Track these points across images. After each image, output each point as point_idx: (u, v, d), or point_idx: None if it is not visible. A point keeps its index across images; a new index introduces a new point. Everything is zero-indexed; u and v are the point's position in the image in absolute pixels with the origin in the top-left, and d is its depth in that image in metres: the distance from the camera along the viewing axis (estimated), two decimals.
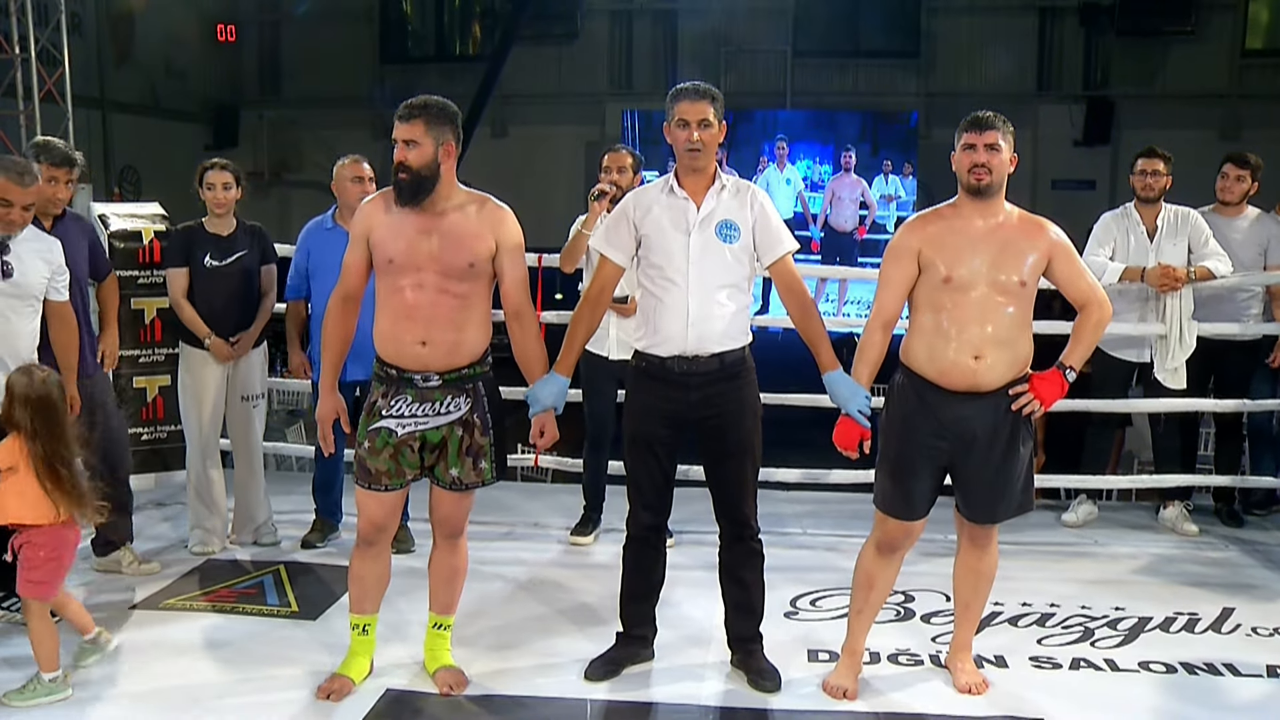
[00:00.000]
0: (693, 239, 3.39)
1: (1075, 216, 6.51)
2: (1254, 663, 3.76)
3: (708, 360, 3.40)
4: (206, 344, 4.62)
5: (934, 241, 3.29)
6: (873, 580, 3.51)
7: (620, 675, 3.59)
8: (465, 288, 3.29)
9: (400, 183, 3.25)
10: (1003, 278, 3.24)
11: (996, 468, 3.32)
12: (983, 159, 3.25)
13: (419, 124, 3.23)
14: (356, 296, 3.40)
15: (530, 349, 3.43)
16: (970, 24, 14.40)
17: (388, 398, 3.31)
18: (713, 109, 3.39)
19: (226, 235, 4.68)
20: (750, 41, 14.81)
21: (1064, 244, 3.34)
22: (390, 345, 3.30)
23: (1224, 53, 14.09)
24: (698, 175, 3.43)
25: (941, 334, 3.27)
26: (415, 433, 3.30)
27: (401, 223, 3.28)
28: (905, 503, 3.38)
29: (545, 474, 6.79)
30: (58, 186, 4.19)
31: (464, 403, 3.32)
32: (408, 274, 3.25)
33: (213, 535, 4.75)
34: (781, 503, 5.44)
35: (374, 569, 3.45)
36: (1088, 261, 5.12)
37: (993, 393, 3.27)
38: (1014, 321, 3.27)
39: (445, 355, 3.28)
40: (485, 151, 14.29)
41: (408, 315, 3.26)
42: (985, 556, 3.51)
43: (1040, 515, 5.56)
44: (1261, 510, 5.60)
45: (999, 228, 3.29)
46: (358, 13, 15.70)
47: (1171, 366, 5.09)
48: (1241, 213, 5.38)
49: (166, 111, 14.67)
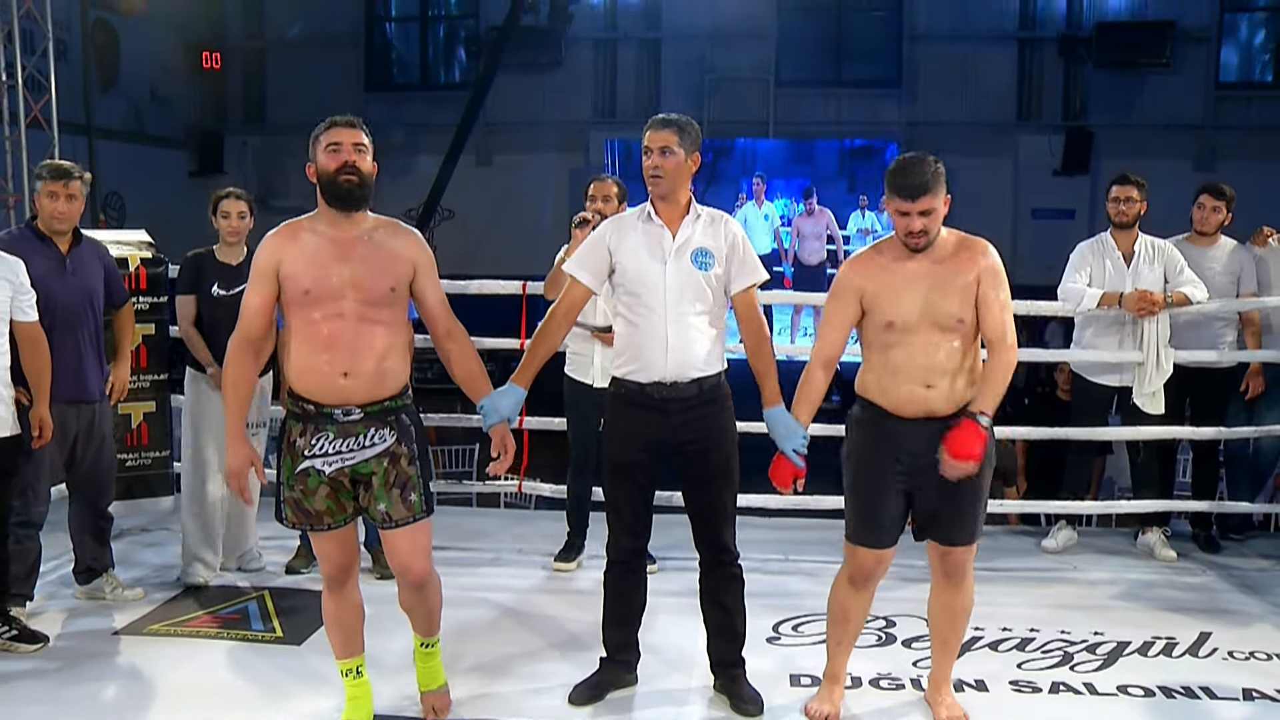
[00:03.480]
0: (669, 267, 3.44)
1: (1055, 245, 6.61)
2: (1231, 686, 3.80)
3: (686, 386, 3.44)
4: (209, 373, 4.58)
5: (875, 283, 3.31)
6: (848, 614, 3.53)
7: (604, 700, 3.61)
8: (387, 314, 3.19)
9: (348, 185, 3.14)
10: (941, 317, 3.25)
11: (955, 490, 3.30)
12: (918, 226, 3.22)
13: (363, 133, 3.22)
14: (259, 340, 3.26)
15: (471, 365, 3.35)
16: (952, 54, 14.55)
17: (306, 436, 3.17)
18: (677, 137, 3.43)
19: (235, 265, 4.64)
20: (733, 70, 14.93)
21: (993, 269, 3.29)
22: (307, 379, 3.15)
23: (1198, 85, 14.29)
24: (670, 204, 3.48)
25: (890, 369, 3.30)
26: (343, 469, 3.18)
27: (315, 251, 3.15)
28: (873, 531, 3.39)
29: (528, 500, 6.82)
30: (56, 201, 4.19)
31: (388, 434, 3.20)
32: (325, 304, 3.12)
33: (208, 568, 4.68)
34: (761, 529, 5.45)
35: (349, 609, 3.36)
36: (1065, 288, 5.25)
37: (948, 417, 3.28)
38: (961, 351, 3.29)
39: (369, 387, 3.16)
40: (469, 178, 14.34)
41: (327, 346, 3.12)
42: (960, 594, 3.49)
43: (1020, 541, 5.61)
44: (1238, 535, 5.65)
45: (935, 266, 3.28)
46: (343, 40, 15.76)
47: (1149, 391, 5.15)
48: (1216, 243, 5.46)
49: (151, 138, 14.69)
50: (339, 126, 3.21)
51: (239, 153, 15.62)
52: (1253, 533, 5.79)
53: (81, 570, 4.47)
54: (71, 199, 4.24)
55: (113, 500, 4.55)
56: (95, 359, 4.32)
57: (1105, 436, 5.55)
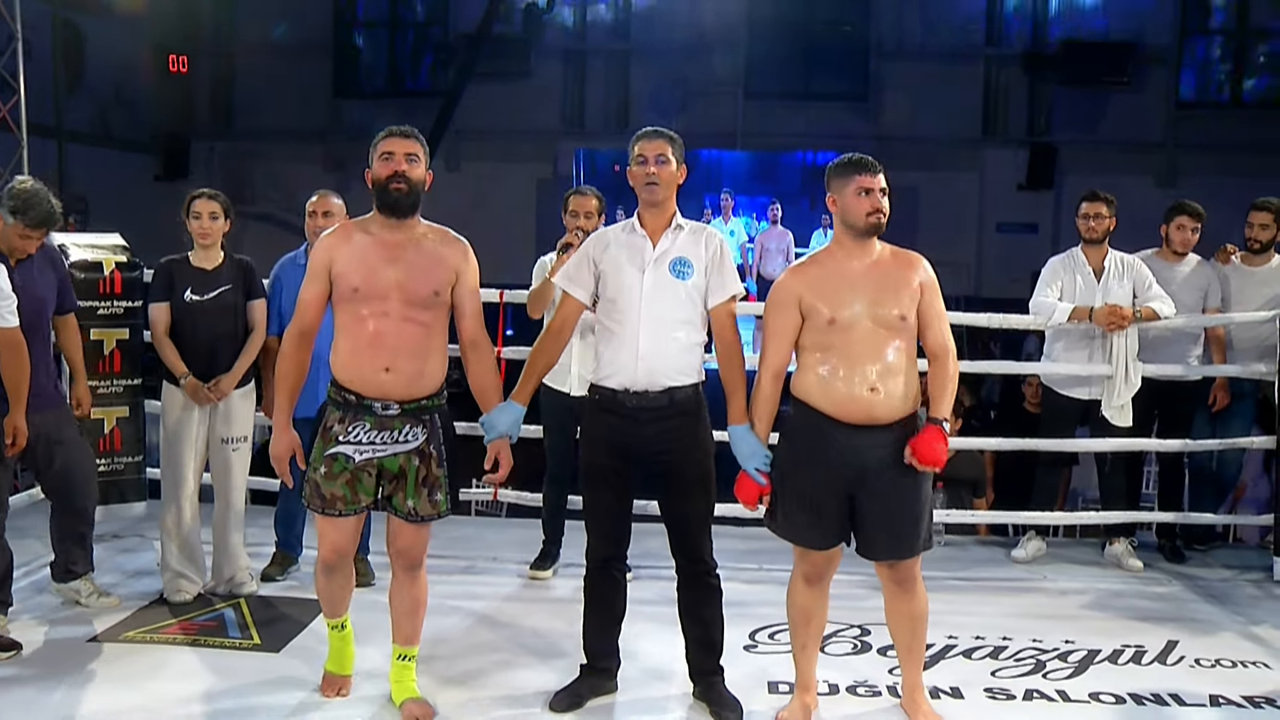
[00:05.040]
0: (647, 275, 3.48)
1: (1019, 259, 6.71)
2: (1198, 692, 3.89)
3: (658, 395, 3.47)
4: (182, 384, 4.50)
5: (814, 287, 3.37)
6: (809, 614, 3.57)
7: (584, 707, 3.63)
8: (429, 316, 3.35)
9: (397, 194, 3.33)
10: (884, 313, 3.33)
11: (899, 501, 3.36)
12: (879, 203, 3.34)
13: (417, 143, 3.39)
14: (313, 332, 3.41)
15: (487, 379, 3.49)
16: (919, 70, 14.68)
17: (344, 423, 3.33)
18: (670, 147, 3.50)
19: (211, 269, 4.56)
20: (702, 83, 14.97)
21: (934, 282, 3.43)
22: (351, 371, 3.32)
23: (1160, 104, 14.52)
24: (657, 213, 3.52)
25: (834, 371, 3.34)
26: (373, 460, 3.34)
27: (365, 252, 3.33)
28: (819, 534, 3.43)
29: (500, 508, 6.81)
30: (29, 242, 4.14)
31: (420, 433, 3.36)
32: (372, 302, 3.30)
33: (190, 583, 4.58)
34: (735, 539, 5.47)
35: (340, 583, 3.55)
36: (1036, 303, 5.33)
37: (888, 425, 3.34)
38: (901, 353, 3.35)
39: (408, 384, 3.32)
40: (438, 185, 14.22)
41: (372, 343, 3.29)
42: (914, 600, 3.53)
43: (990, 551, 5.69)
44: (1202, 546, 5.76)
45: (875, 266, 3.38)
46: (312, 45, 15.67)
47: (1118, 404, 5.24)
48: (1183, 259, 5.57)
49: (117, 141, 14.53)
50: (394, 136, 3.39)
51: (206, 157, 15.47)
52: (1215, 543, 5.91)
53: (61, 569, 4.41)
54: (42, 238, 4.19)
55: (93, 504, 4.47)
56: (48, 370, 4.26)
57: (1074, 448, 5.64)
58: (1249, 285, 5.58)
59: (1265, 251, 5.61)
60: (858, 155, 3.40)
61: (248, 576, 4.70)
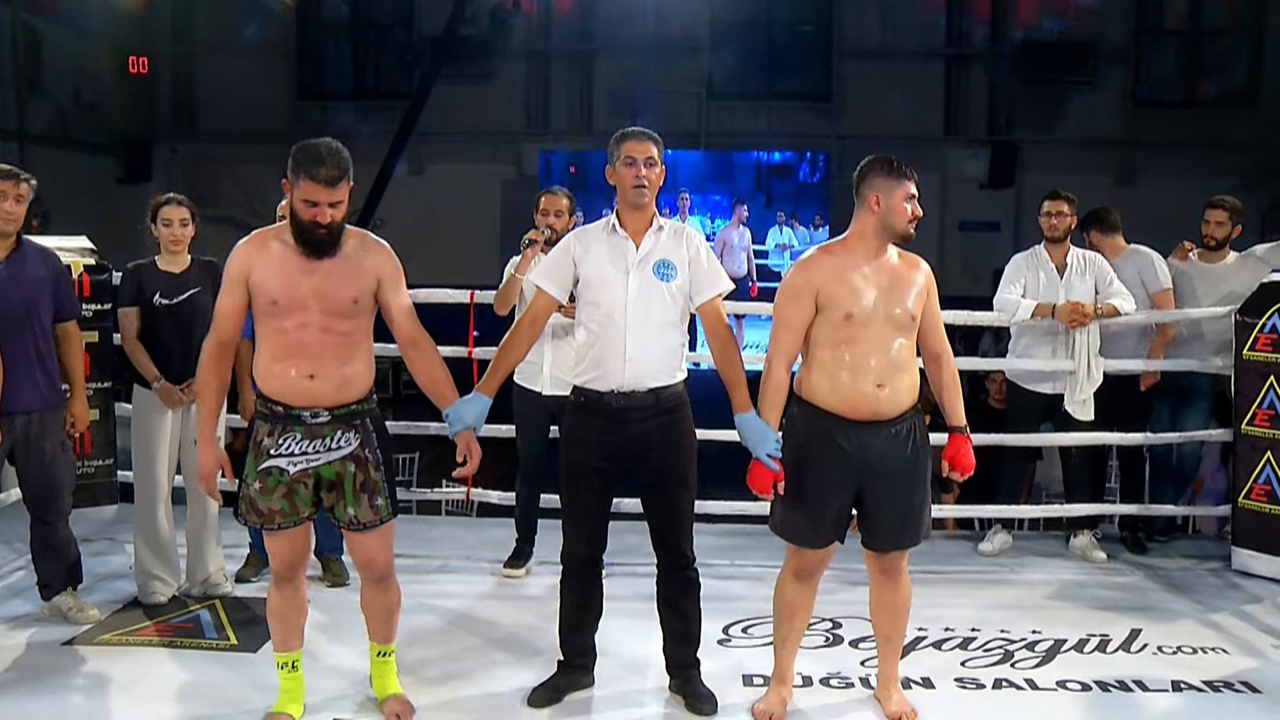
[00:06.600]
0: (631, 278, 3.51)
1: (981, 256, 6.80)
2: (1161, 678, 3.98)
3: (644, 395, 3.51)
4: (155, 387, 4.50)
5: (833, 279, 3.41)
6: (795, 608, 3.63)
7: (563, 701, 3.67)
8: (349, 325, 3.27)
9: (319, 239, 3.19)
10: (896, 311, 3.40)
11: (903, 495, 3.45)
12: (919, 210, 3.42)
13: (345, 186, 3.18)
14: (232, 343, 3.33)
15: (436, 373, 3.40)
16: (880, 69, 14.81)
17: (274, 436, 3.26)
18: (656, 150, 3.53)
19: (179, 273, 4.57)
20: (665, 83, 15.03)
21: (934, 285, 3.53)
22: (276, 381, 3.25)
23: (1118, 102, 14.74)
24: (639, 215, 3.55)
25: (845, 367, 3.39)
26: (308, 470, 3.28)
27: (282, 262, 3.23)
28: (816, 532, 3.49)
29: (471, 508, 6.83)
30: (5, 201, 4.09)
31: (353, 438, 3.31)
32: (292, 314, 3.21)
33: (165, 585, 4.56)
34: (709, 535, 5.53)
35: (293, 604, 3.45)
36: (1000, 299, 5.42)
37: (891, 420, 3.41)
38: (905, 351, 3.43)
39: (334, 390, 3.25)
40: (403, 188, 14.27)
41: (294, 352, 3.23)
42: (898, 590, 3.62)
43: (958, 545, 5.77)
44: (1163, 537, 5.86)
45: (886, 265, 3.45)
46: (274, 47, 15.59)
47: (1080, 399, 5.33)
48: (1124, 250, 5.70)
49: (77, 143, 14.38)
50: (323, 183, 3.13)
51: (168, 160, 15.35)
52: (1176, 535, 6.01)
53: (42, 585, 4.36)
54: (19, 200, 4.15)
55: (64, 516, 4.37)
56: (35, 370, 4.20)
57: (1039, 442, 5.73)
58: (1206, 282, 5.68)
59: (1221, 248, 5.73)
60: (899, 159, 3.44)
61: (222, 578, 4.70)
